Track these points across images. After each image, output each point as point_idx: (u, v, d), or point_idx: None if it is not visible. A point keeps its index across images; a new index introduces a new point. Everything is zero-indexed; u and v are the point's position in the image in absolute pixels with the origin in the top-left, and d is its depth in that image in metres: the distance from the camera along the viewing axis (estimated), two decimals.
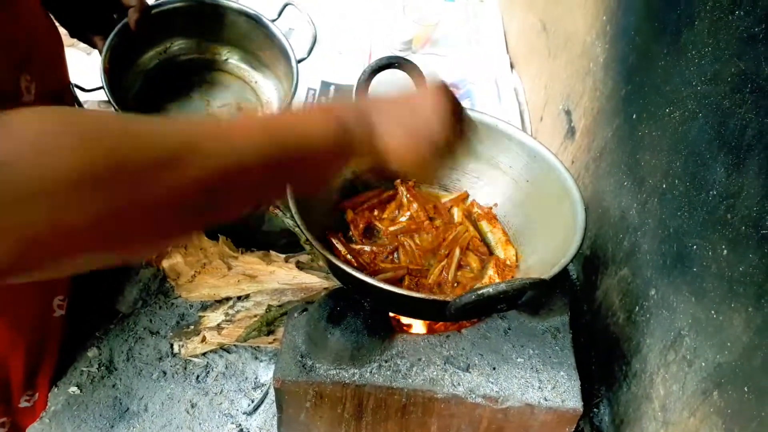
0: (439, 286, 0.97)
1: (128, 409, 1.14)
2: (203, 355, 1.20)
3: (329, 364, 0.88)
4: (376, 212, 1.07)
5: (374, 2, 1.85)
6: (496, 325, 0.93)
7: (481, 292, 0.75)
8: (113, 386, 1.16)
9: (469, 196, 1.10)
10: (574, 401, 0.86)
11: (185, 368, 1.18)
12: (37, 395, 1.11)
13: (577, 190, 0.93)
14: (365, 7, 1.85)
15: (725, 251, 0.72)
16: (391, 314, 0.95)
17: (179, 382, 1.17)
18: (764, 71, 0.65)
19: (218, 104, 1.34)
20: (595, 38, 1.15)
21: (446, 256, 1.00)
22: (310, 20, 1.28)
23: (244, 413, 1.13)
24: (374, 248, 1.01)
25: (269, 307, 1.20)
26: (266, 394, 1.14)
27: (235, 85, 1.38)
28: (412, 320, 1.01)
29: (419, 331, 1.00)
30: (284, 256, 1.29)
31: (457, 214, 1.08)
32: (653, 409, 0.89)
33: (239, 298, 1.25)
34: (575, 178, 0.96)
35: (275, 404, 0.93)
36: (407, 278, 0.96)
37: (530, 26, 1.60)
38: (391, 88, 0.78)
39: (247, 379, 1.17)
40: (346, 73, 1.65)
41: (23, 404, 1.08)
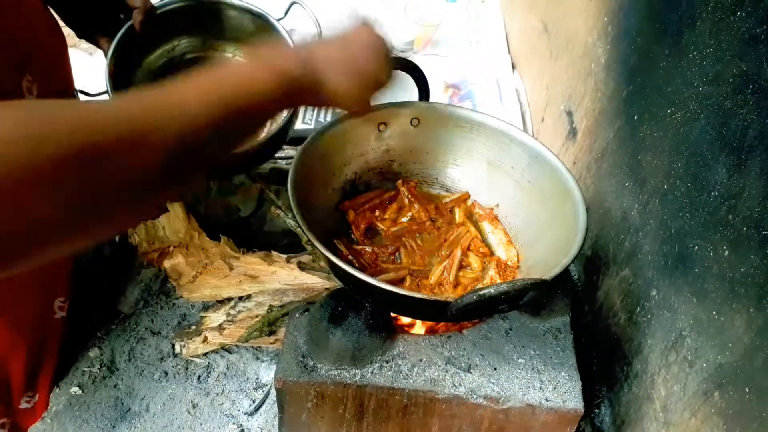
0: (440, 286, 0.97)
1: (130, 409, 1.14)
2: (205, 355, 1.20)
3: (331, 364, 0.88)
4: (377, 213, 1.07)
5: (375, 3, 1.85)
6: (497, 325, 0.93)
7: (482, 292, 0.75)
8: (115, 386, 1.17)
9: (470, 196, 1.10)
10: (575, 402, 0.86)
11: (187, 368, 1.19)
12: (37, 396, 1.11)
13: (578, 190, 0.93)
14: (366, 7, 1.85)
15: (726, 252, 0.72)
16: (392, 315, 0.95)
17: (181, 382, 1.17)
18: (766, 72, 0.65)
19: None
20: (596, 39, 1.15)
21: (447, 256, 1.00)
22: (315, 20, 1.28)
23: (245, 413, 1.13)
24: (375, 249, 1.01)
25: (271, 307, 1.20)
26: (267, 394, 1.14)
27: None
28: (413, 321, 1.01)
29: (420, 331, 1.00)
30: (286, 256, 1.29)
31: (458, 214, 1.08)
32: (654, 409, 0.89)
33: (241, 298, 1.25)
34: (577, 178, 0.96)
35: (276, 404, 0.93)
36: (408, 279, 0.96)
37: (531, 27, 1.60)
38: (390, 88, 0.79)
39: (248, 379, 1.17)
40: None
41: (23, 405, 1.08)
